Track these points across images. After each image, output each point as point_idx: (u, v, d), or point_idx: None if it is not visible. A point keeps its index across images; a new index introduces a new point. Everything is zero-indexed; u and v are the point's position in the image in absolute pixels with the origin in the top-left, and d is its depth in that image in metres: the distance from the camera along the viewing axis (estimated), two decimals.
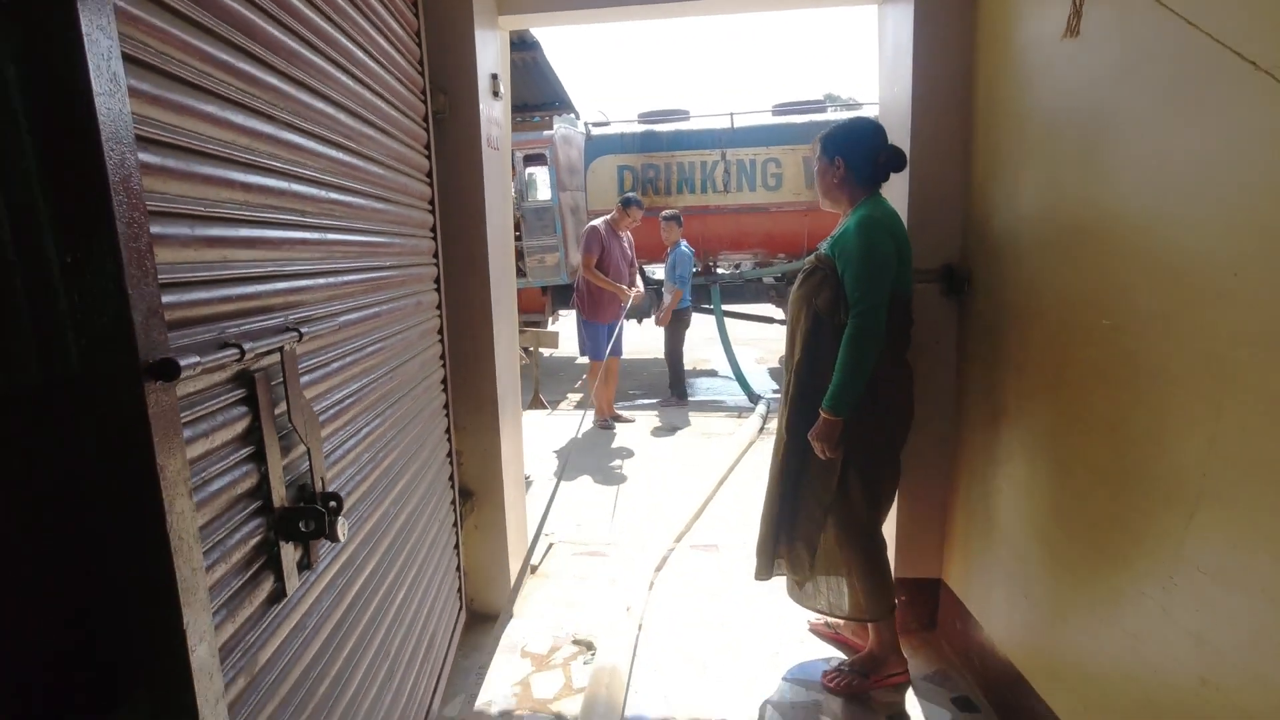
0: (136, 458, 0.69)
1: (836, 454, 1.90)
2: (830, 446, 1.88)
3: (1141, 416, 1.31)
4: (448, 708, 1.99)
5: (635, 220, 5.03)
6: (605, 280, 4.95)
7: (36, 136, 0.63)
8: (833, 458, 1.90)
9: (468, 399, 2.30)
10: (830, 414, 1.85)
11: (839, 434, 1.86)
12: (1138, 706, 1.33)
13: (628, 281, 5.10)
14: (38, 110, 0.62)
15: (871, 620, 2.04)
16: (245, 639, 0.88)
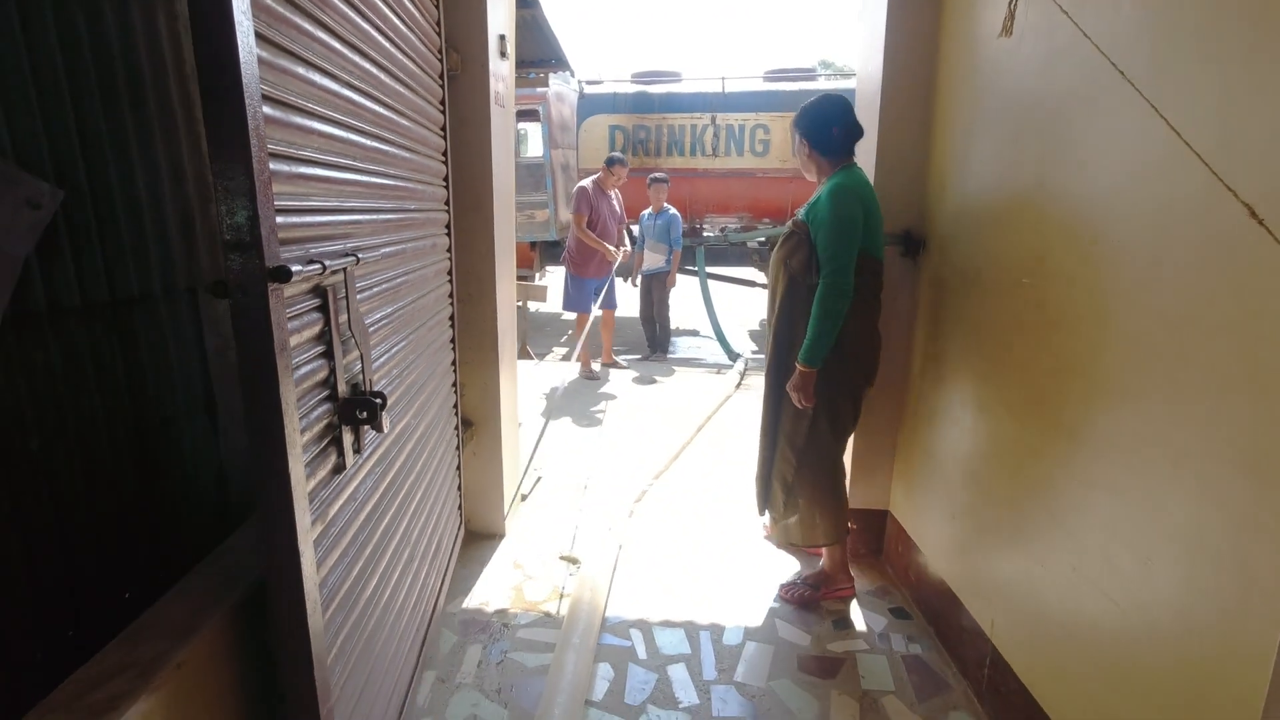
0: (260, 343, 0.92)
1: (812, 403, 2.12)
2: (806, 396, 2.10)
3: (1046, 359, 1.57)
4: (451, 605, 2.27)
5: (620, 179, 5.24)
6: (595, 239, 5.17)
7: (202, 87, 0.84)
8: (808, 406, 2.13)
9: (471, 336, 2.52)
10: (804, 366, 2.06)
11: (813, 384, 2.09)
12: (1029, 597, 1.63)
13: (615, 239, 5.32)
14: (201, 68, 0.83)
15: (828, 545, 2.33)
16: (320, 494, 1.12)
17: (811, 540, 2.34)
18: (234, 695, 1.06)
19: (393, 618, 1.54)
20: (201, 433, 1.76)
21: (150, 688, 0.86)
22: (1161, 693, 1.21)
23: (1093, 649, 1.40)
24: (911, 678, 1.98)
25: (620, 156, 5.26)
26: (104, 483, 1.48)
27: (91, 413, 1.45)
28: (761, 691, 1.92)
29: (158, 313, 1.60)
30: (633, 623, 2.21)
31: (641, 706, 1.85)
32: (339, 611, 1.18)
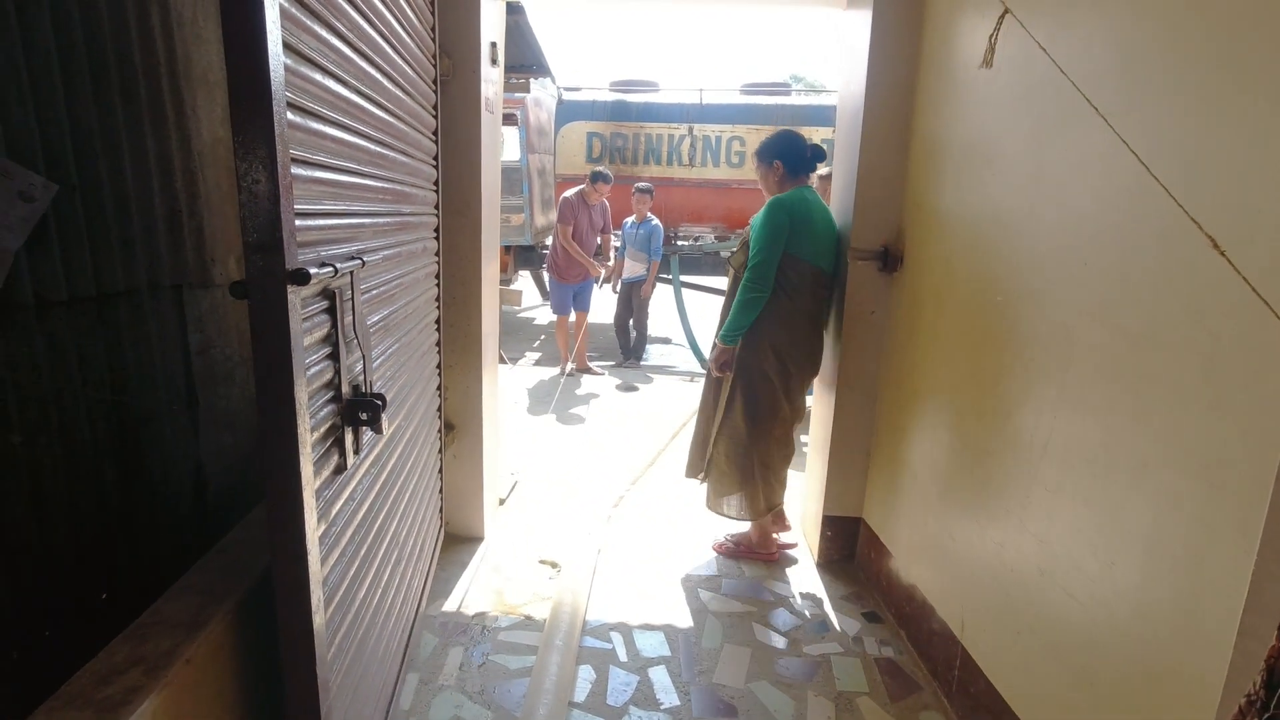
0: (279, 343, 0.93)
1: (723, 375, 2.54)
2: (717, 367, 2.55)
3: (1017, 372, 1.65)
4: (431, 607, 2.27)
5: (603, 194, 5.53)
6: (580, 253, 5.43)
7: (231, 92, 0.86)
8: (719, 377, 2.57)
9: (455, 340, 2.54)
10: (719, 342, 2.52)
11: (725, 359, 2.52)
12: (997, 600, 1.70)
13: (591, 250, 5.58)
14: (232, 73, 0.85)
15: (749, 519, 2.65)
16: (324, 494, 1.13)
17: (717, 509, 2.70)
18: (237, 690, 1.07)
19: (382, 618, 1.55)
20: (181, 431, 1.74)
21: (161, 683, 0.87)
22: (1123, 686, 1.29)
23: (1058, 648, 1.47)
24: (884, 679, 2.04)
25: (605, 173, 5.51)
26: (84, 479, 1.47)
27: (74, 408, 1.44)
28: (740, 692, 1.96)
29: (142, 309, 1.59)
30: (613, 625, 2.24)
31: (624, 708, 1.88)
32: (337, 611, 1.19)
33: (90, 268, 1.44)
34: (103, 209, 1.45)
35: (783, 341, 2.48)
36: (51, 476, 1.40)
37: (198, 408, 1.78)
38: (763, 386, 2.51)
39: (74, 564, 1.43)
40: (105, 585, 1.50)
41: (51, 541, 1.39)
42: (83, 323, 1.45)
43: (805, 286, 2.47)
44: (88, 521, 1.47)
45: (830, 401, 2.62)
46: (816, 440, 2.83)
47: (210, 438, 1.83)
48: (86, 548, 1.46)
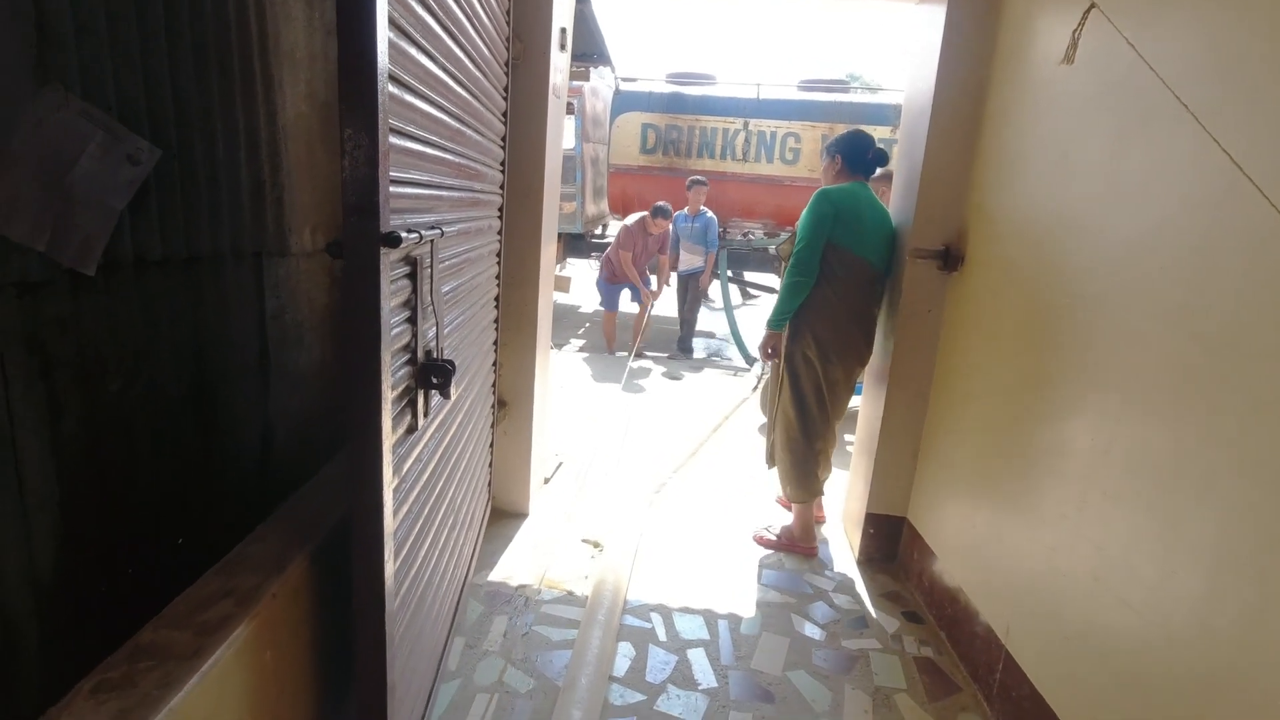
0: (369, 302, 0.98)
1: (770, 359, 2.68)
2: (763, 353, 2.67)
3: (1079, 376, 1.63)
4: (478, 576, 2.34)
5: (663, 228, 5.83)
6: (637, 280, 5.94)
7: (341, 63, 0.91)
8: (778, 370, 2.66)
9: (511, 318, 2.59)
10: (766, 327, 2.63)
11: (771, 345, 2.63)
12: (1046, 605, 1.68)
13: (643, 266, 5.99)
14: (343, 44, 0.90)
15: (794, 502, 2.72)
16: (398, 451, 1.18)
17: (783, 488, 2.77)
18: (312, 629, 1.14)
19: (438, 580, 1.61)
20: (253, 392, 1.83)
21: (251, 613, 0.93)
22: (1177, 698, 1.27)
23: (1109, 656, 1.45)
24: (923, 678, 2.03)
25: (667, 208, 5.78)
26: (167, 430, 1.56)
27: (161, 363, 1.53)
28: (778, 680, 1.98)
29: (225, 273, 1.67)
30: (653, 606, 2.28)
31: (662, 685, 1.91)
32: (403, 565, 1.25)
33: (183, 231, 1.53)
34: (196, 176, 1.53)
35: (823, 330, 2.55)
36: (139, 425, 1.49)
37: (269, 370, 1.87)
38: (805, 372, 2.60)
39: (156, 507, 1.52)
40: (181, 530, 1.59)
41: (138, 485, 1.48)
42: (173, 283, 1.54)
43: (850, 278, 2.52)
44: (168, 469, 1.56)
45: (880, 399, 2.61)
46: (863, 438, 2.82)
47: (279, 400, 1.91)
48: (166, 494, 1.55)
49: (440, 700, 1.78)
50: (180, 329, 1.58)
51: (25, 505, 1.27)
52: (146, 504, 1.49)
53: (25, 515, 1.27)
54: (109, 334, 1.41)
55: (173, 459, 1.57)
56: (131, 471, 1.46)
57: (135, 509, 1.46)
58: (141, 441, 1.49)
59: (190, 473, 1.62)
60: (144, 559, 1.48)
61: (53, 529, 1.30)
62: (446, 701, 1.79)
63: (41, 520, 1.28)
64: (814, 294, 2.52)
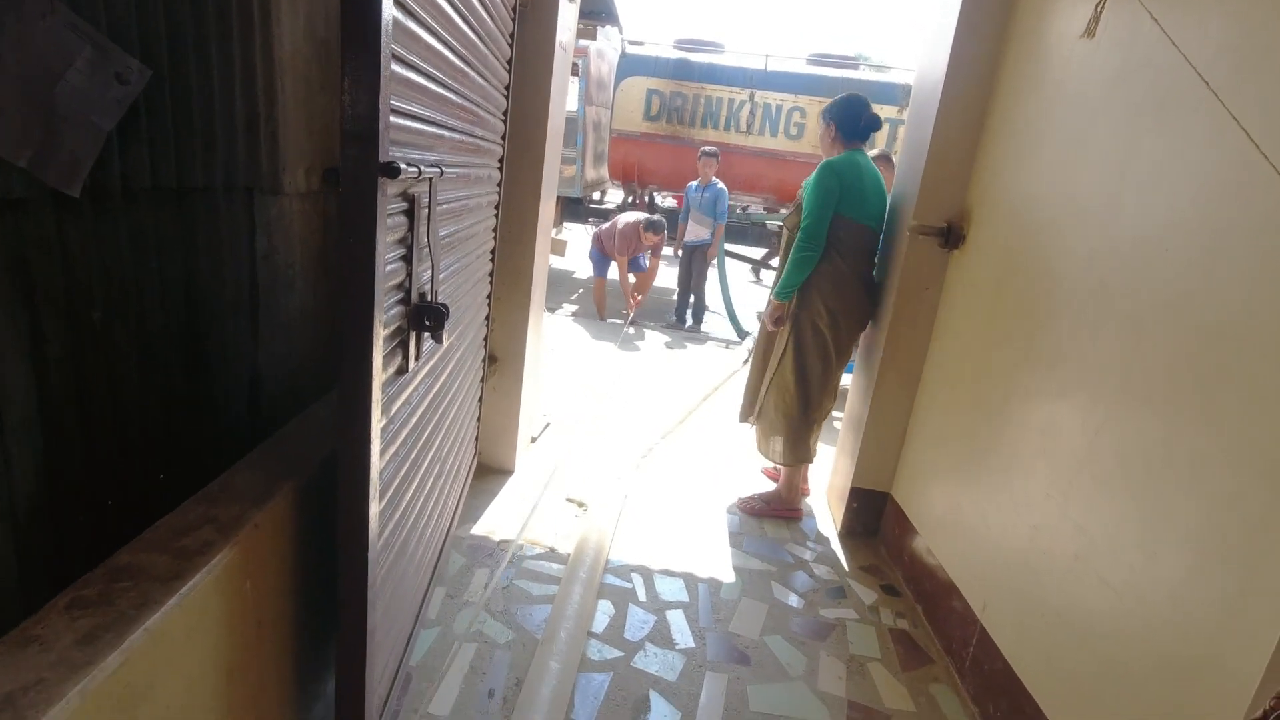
0: (365, 233, 0.96)
1: (776, 329, 2.66)
2: (770, 322, 2.68)
3: (1075, 359, 1.62)
4: (461, 529, 2.34)
5: (653, 241, 5.95)
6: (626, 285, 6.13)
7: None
8: (780, 335, 2.66)
9: (506, 273, 2.56)
10: (774, 298, 2.63)
11: (778, 315, 2.64)
12: (1025, 583, 1.70)
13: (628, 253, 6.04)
14: None
15: (785, 465, 2.77)
16: (388, 390, 1.16)
17: (766, 453, 2.81)
18: (295, 563, 1.13)
19: (421, 526, 1.60)
20: (242, 332, 1.80)
21: (231, 541, 0.92)
22: (1151, 680, 1.29)
23: (1086, 635, 1.47)
24: (897, 648, 2.06)
25: (661, 222, 5.96)
26: (153, 365, 1.53)
27: (149, 296, 1.49)
28: (754, 644, 2.00)
29: (217, 208, 1.63)
30: (634, 567, 2.29)
31: (640, 643, 1.93)
32: (388, 506, 1.24)
33: (174, 161, 1.48)
34: (189, 105, 1.48)
35: (834, 299, 2.57)
36: (125, 358, 1.46)
37: (259, 312, 1.83)
38: (814, 341, 2.62)
39: (141, 445, 1.50)
40: (164, 467, 1.57)
41: (123, 418, 1.46)
42: (163, 215, 1.49)
43: (856, 245, 2.58)
44: (153, 405, 1.53)
45: (872, 375, 2.61)
46: (852, 415, 2.82)
47: (268, 343, 1.88)
48: (152, 432, 1.52)
49: (419, 646, 1.79)
50: (169, 264, 1.54)
51: (3, 429, 1.25)
52: (130, 441, 1.47)
53: (3, 441, 1.25)
54: (95, 262, 1.37)
55: (159, 397, 1.54)
56: (115, 406, 1.43)
57: (119, 445, 1.44)
58: (127, 377, 1.46)
59: (177, 412, 1.59)
60: (127, 495, 1.46)
61: (32, 458, 1.27)
62: (425, 648, 1.79)
63: (21, 448, 1.25)
64: (822, 264, 2.54)
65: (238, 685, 0.99)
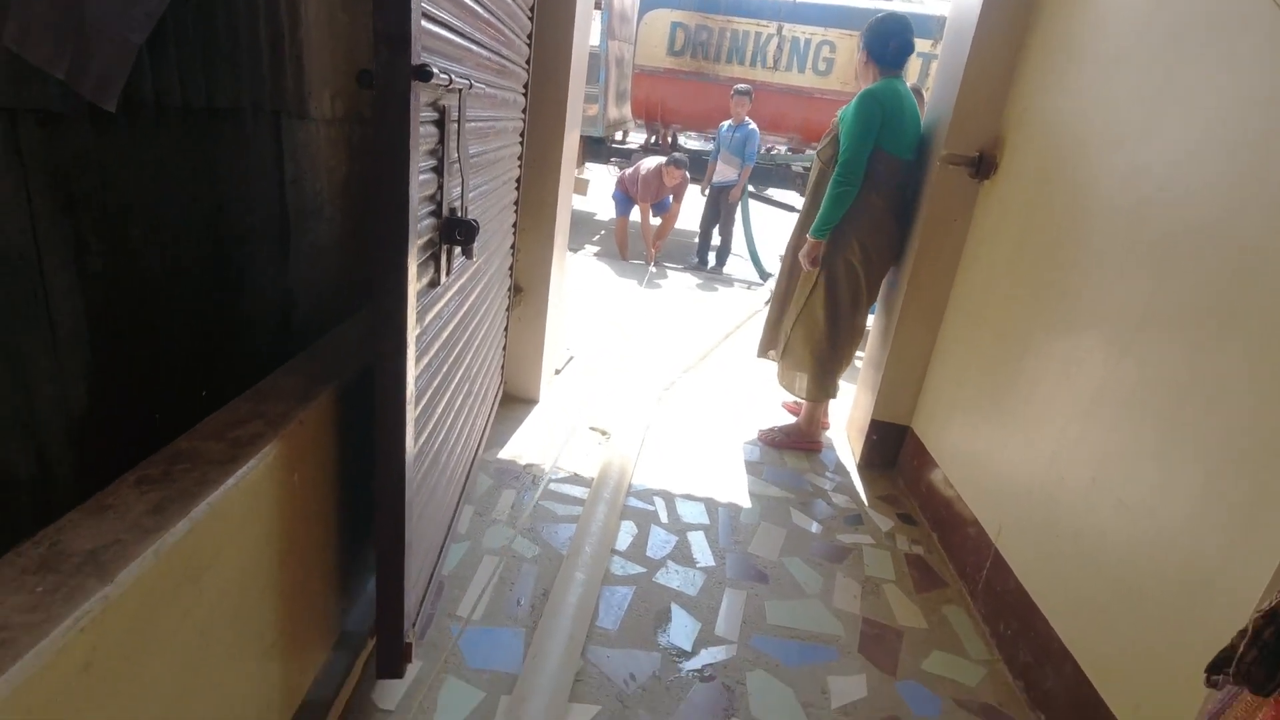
0: (399, 135, 0.97)
1: (814, 269, 2.57)
2: (809, 261, 2.57)
3: (1105, 284, 1.61)
4: (488, 453, 2.41)
5: (677, 179, 5.89)
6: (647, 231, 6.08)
7: None
8: (810, 271, 2.59)
9: (531, 203, 2.56)
10: (812, 236, 2.53)
11: (817, 254, 2.55)
12: (1041, 507, 1.73)
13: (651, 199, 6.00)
14: None
15: (809, 400, 2.77)
16: (421, 300, 1.20)
17: (790, 387, 2.81)
18: (334, 464, 1.19)
19: (452, 442, 1.66)
20: (273, 256, 1.83)
21: (280, 434, 0.97)
22: (1160, 596, 1.32)
23: (1099, 554, 1.50)
24: (911, 572, 2.12)
25: (683, 159, 5.94)
26: (188, 286, 1.57)
27: (182, 218, 1.52)
28: (772, 564, 2.06)
29: (245, 130, 1.64)
30: (657, 492, 2.35)
31: (662, 561, 2.00)
32: (422, 414, 1.28)
33: (203, 80, 1.49)
34: (214, 24, 1.48)
35: (869, 235, 2.52)
36: (160, 276, 1.50)
37: (289, 237, 1.86)
38: (846, 279, 2.58)
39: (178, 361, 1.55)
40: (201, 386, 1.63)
41: (159, 336, 1.51)
42: (194, 134, 1.51)
43: (893, 179, 2.50)
44: (190, 326, 1.58)
45: (895, 310, 2.60)
46: (873, 350, 2.83)
47: (298, 268, 1.91)
48: (188, 350, 1.58)
49: (450, 558, 1.87)
50: (201, 185, 1.56)
51: (56, 339, 1.30)
52: (168, 358, 1.52)
53: (56, 350, 1.30)
54: (131, 179, 1.40)
55: (193, 316, 1.59)
56: (154, 322, 1.48)
57: (157, 362, 1.49)
58: (164, 293, 1.50)
59: (211, 333, 1.64)
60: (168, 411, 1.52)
61: (83, 367, 1.33)
62: (456, 560, 1.88)
63: (72, 356, 1.30)
64: (858, 199, 2.47)
65: (288, 571, 1.05)
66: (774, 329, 2.89)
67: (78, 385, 1.32)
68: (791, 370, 2.78)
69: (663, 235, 6.26)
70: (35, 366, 1.17)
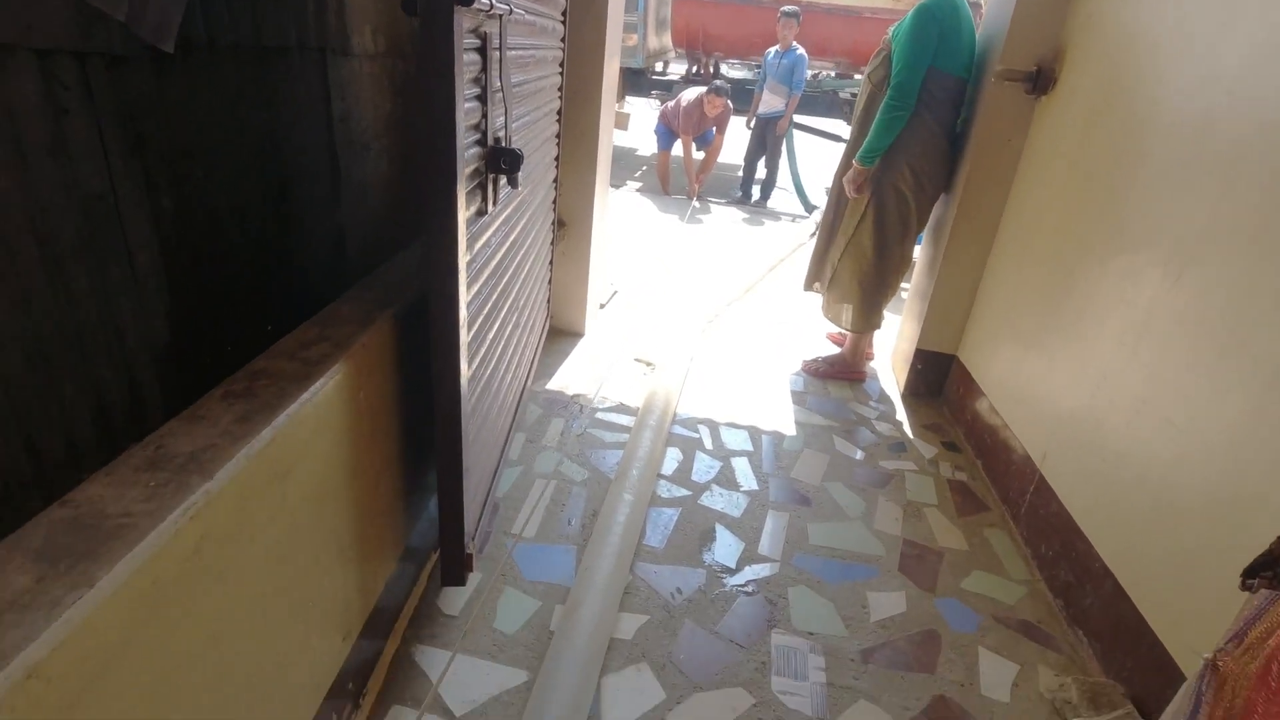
0: (444, 60, 0.99)
1: (861, 194, 2.51)
2: (854, 188, 2.50)
3: (1165, 196, 1.55)
4: (535, 385, 2.49)
5: (719, 106, 5.75)
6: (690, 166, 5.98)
7: None
8: (858, 198, 2.53)
9: (572, 135, 2.56)
10: (859, 163, 2.44)
11: (862, 180, 2.47)
12: (1087, 430, 1.72)
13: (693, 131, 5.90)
14: None
15: (854, 331, 2.76)
16: (470, 228, 1.24)
17: (836, 319, 2.79)
18: (396, 384, 1.26)
19: (503, 369, 1.73)
20: (325, 195, 1.89)
21: (346, 355, 1.04)
22: (1205, 513, 1.32)
23: (1143, 473, 1.50)
24: (954, 497, 2.14)
25: (725, 86, 5.78)
26: (249, 224, 1.64)
27: (240, 155, 1.58)
28: (815, 488, 2.11)
29: (293, 69, 1.67)
30: (701, 420, 2.41)
31: (707, 484, 2.07)
32: (475, 339, 1.34)
33: (251, 18, 1.52)
34: None
35: (920, 160, 2.44)
36: (223, 214, 1.57)
37: (339, 174, 1.92)
38: (896, 206, 2.51)
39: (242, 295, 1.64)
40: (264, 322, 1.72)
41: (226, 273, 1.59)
42: (246, 73, 1.55)
43: (947, 100, 2.41)
44: (250, 261, 1.66)
45: (944, 234, 2.54)
46: (920, 277, 2.79)
47: (349, 206, 1.97)
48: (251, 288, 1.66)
49: (504, 482, 1.97)
50: (255, 123, 1.61)
51: (136, 276, 1.39)
52: (234, 292, 1.61)
53: (137, 286, 1.39)
54: (191, 119, 1.45)
55: (255, 255, 1.66)
56: (221, 260, 1.56)
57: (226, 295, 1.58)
58: (228, 232, 1.57)
59: (271, 270, 1.72)
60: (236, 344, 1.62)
61: (162, 302, 1.42)
62: (509, 483, 1.98)
63: (152, 292, 1.39)
64: (910, 121, 2.37)
65: (359, 482, 1.14)
66: (820, 261, 2.86)
67: (158, 320, 1.42)
68: (838, 302, 2.75)
69: (706, 169, 6.13)
70: (121, 302, 1.25)
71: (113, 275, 1.27)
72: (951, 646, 1.60)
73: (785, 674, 1.47)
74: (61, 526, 0.65)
